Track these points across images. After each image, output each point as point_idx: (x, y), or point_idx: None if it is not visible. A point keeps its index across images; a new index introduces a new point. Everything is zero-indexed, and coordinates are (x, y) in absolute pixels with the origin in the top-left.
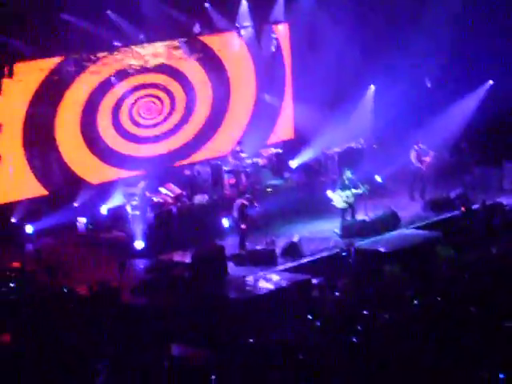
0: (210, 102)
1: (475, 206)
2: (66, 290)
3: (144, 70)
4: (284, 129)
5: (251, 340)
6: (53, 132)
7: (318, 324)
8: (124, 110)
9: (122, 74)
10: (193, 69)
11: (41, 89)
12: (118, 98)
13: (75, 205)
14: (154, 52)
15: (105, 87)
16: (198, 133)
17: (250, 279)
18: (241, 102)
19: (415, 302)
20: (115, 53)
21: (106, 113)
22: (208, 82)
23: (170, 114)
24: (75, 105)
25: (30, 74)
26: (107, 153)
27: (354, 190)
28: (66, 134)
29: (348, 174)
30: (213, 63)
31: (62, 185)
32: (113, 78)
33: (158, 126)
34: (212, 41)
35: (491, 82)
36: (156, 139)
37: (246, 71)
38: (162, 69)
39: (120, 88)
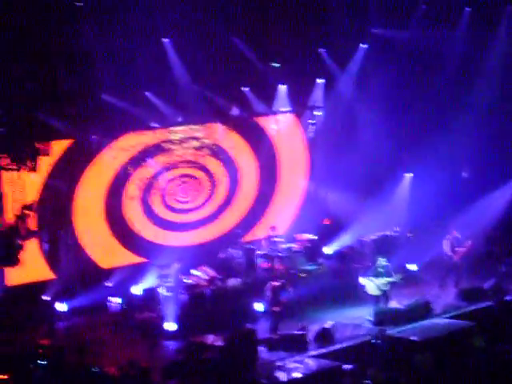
0: (253, 188)
1: (509, 297)
2: (95, 370)
3: (180, 148)
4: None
5: None
6: (70, 212)
7: None
8: (156, 191)
9: (155, 152)
10: (231, 153)
11: (59, 162)
12: (149, 178)
13: (109, 284)
14: (192, 132)
15: (134, 165)
16: (242, 219)
17: (280, 364)
18: (289, 186)
19: None
20: (153, 135)
21: (135, 193)
22: (249, 165)
23: (209, 197)
24: (98, 183)
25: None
26: (134, 240)
27: (387, 278)
28: (85, 215)
29: (382, 261)
30: (253, 148)
31: (75, 271)
32: (144, 156)
33: (195, 210)
34: (249, 124)
35: None
36: (192, 226)
37: (287, 155)
38: (199, 148)
39: (152, 167)
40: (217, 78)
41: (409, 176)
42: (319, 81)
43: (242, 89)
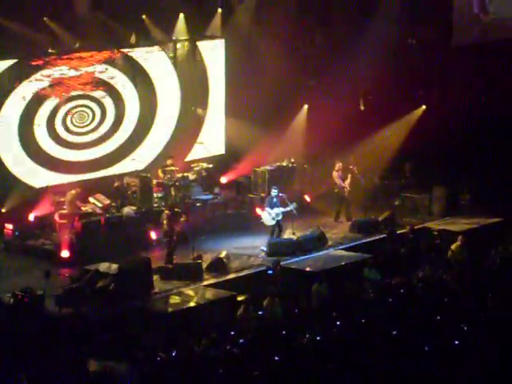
0: (137, 115)
1: (403, 230)
2: None
3: (77, 79)
4: (215, 144)
5: (173, 353)
6: None
7: (241, 341)
8: (58, 118)
9: (57, 85)
10: (124, 80)
11: None
12: (52, 108)
13: (3, 210)
14: (89, 61)
15: (41, 97)
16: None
17: (174, 293)
18: (169, 116)
19: (338, 322)
20: (50, 61)
21: (42, 121)
22: (136, 94)
23: (99, 124)
24: (13, 114)
25: None
26: (45, 158)
27: (281, 208)
28: (5, 140)
29: (274, 192)
30: (143, 76)
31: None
32: (48, 90)
33: (88, 134)
34: (146, 53)
35: (424, 107)
36: (86, 146)
37: (178, 85)
38: (94, 80)
39: (55, 98)
40: (116, 5)
41: (307, 106)
42: (219, 10)
43: (142, 16)
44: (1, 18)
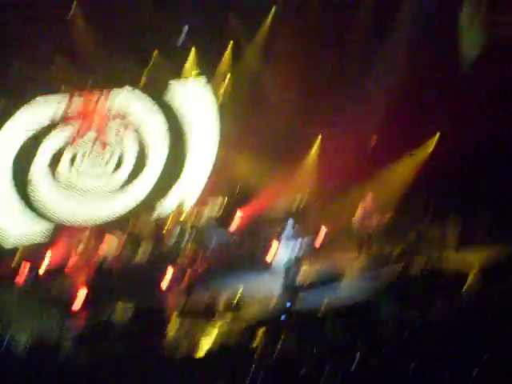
0: (164, 155)
1: (418, 263)
2: (6, 339)
3: (89, 116)
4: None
5: None
6: None
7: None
8: (65, 160)
9: (65, 120)
10: (141, 118)
11: None
12: (60, 146)
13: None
14: (101, 98)
15: (44, 132)
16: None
17: (188, 333)
18: (195, 155)
19: (357, 356)
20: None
21: (44, 161)
22: (160, 132)
23: (118, 166)
24: (7, 150)
25: None
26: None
27: (297, 244)
28: None
29: (291, 227)
30: (163, 113)
31: None
32: (55, 123)
33: (104, 179)
34: (160, 90)
35: (439, 133)
36: (102, 196)
37: (195, 122)
38: (109, 116)
39: (62, 135)
40: (126, 42)
41: (319, 140)
42: (229, 45)
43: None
44: (12, 58)
